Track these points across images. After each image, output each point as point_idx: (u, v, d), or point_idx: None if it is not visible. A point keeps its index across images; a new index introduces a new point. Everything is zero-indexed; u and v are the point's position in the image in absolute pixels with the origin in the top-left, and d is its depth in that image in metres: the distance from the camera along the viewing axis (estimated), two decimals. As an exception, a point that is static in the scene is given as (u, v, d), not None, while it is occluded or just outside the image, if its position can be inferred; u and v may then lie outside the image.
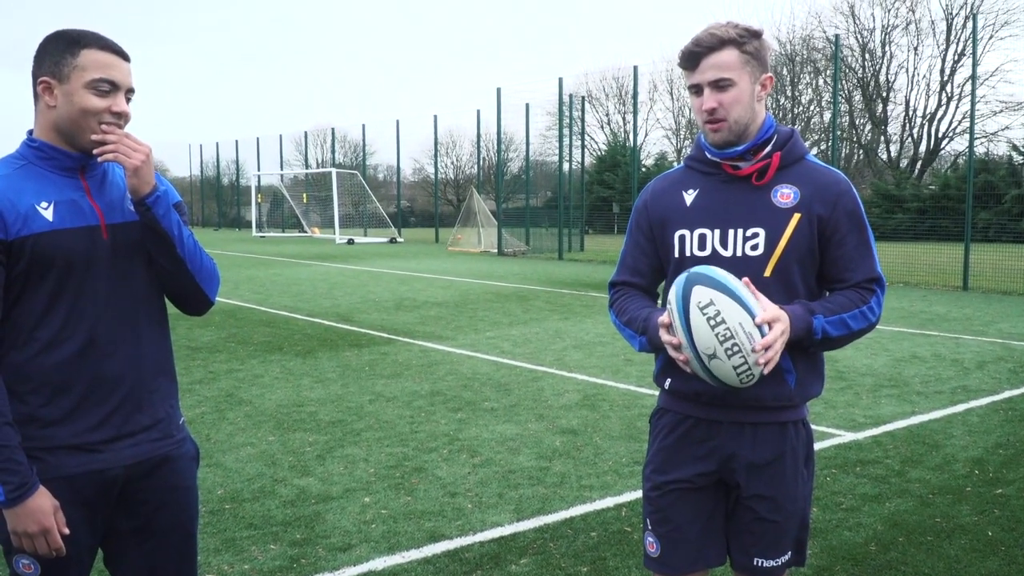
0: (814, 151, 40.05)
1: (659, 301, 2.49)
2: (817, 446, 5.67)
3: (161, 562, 2.34)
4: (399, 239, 34.20)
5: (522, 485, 4.98)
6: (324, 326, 11.13)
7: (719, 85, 2.24)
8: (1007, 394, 7.17)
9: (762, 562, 2.36)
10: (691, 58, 2.25)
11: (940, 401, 6.94)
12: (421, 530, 4.33)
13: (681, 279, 2.16)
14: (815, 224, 2.28)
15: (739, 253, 2.27)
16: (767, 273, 2.25)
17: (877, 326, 2.95)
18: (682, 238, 2.34)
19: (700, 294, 2.10)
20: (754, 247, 2.27)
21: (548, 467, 5.30)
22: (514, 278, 17.97)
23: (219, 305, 13.21)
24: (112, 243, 2.21)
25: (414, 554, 4.05)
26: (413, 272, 19.46)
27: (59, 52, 2.15)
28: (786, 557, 2.39)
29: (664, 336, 2.19)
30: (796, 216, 2.25)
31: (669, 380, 2.41)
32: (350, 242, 32.62)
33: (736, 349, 2.08)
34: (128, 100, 2.22)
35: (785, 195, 2.28)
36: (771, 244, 2.26)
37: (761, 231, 2.26)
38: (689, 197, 2.36)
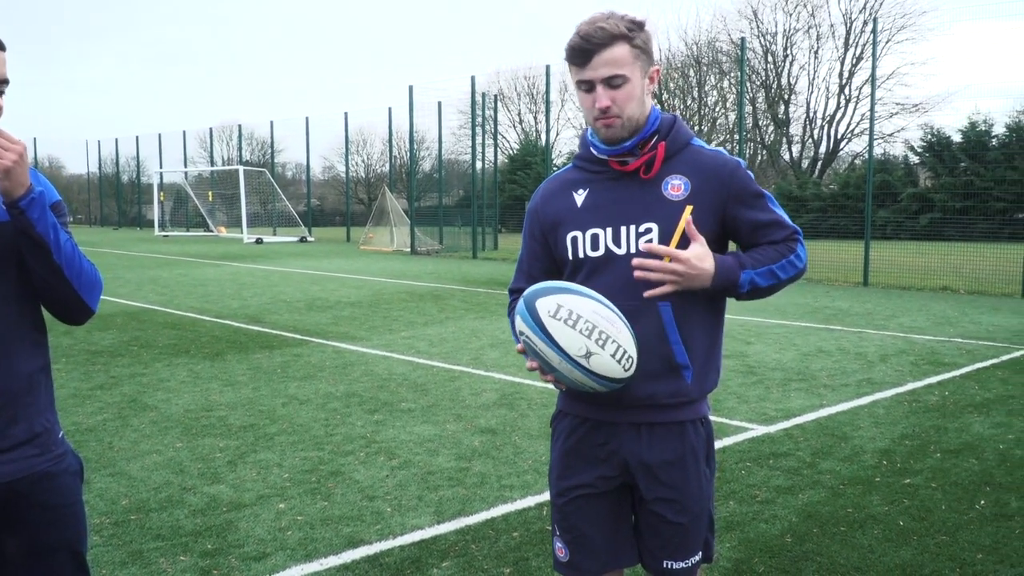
0: (720, 152, 41.08)
1: None
2: (731, 440, 5.79)
3: None
4: (309, 238, 33.63)
5: (442, 487, 4.90)
6: (233, 328, 10.82)
7: (612, 82, 2.18)
8: (910, 386, 7.42)
9: (671, 564, 2.34)
10: (582, 54, 2.17)
11: (847, 394, 7.14)
12: (339, 536, 4.21)
13: (519, 304, 2.14)
14: (709, 213, 2.25)
15: (633, 250, 2.23)
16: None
17: (789, 323, 2.97)
18: (575, 239, 2.30)
19: (544, 304, 2.08)
20: (648, 242, 2.22)
21: (468, 468, 5.23)
22: (428, 277, 17.84)
23: (121, 307, 12.73)
24: None
25: (332, 561, 3.94)
26: (325, 272, 19.14)
27: None
28: (696, 558, 2.37)
29: (527, 364, 2.16)
30: (688, 208, 2.22)
31: None
32: (259, 241, 31.92)
33: (604, 336, 2.05)
34: (1, 92, 2.06)
35: (676, 187, 2.25)
36: (665, 238, 2.22)
37: (654, 226, 2.23)
38: (579, 197, 2.32)
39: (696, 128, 41.83)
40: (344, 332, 10.40)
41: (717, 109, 40.82)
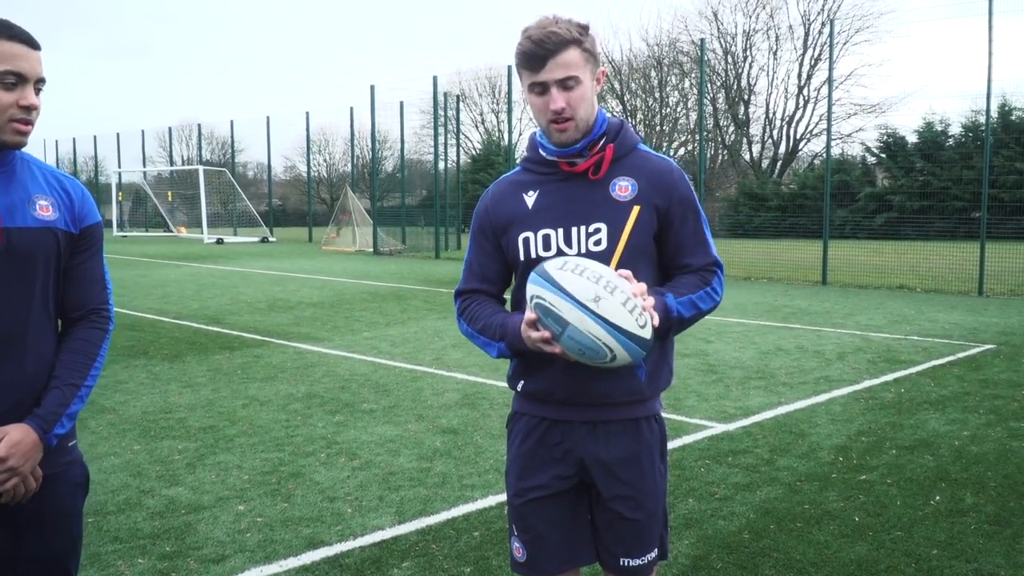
0: (681, 151, 41.36)
1: (508, 306, 2.44)
2: (690, 438, 5.85)
3: None
4: (271, 238, 33.36)
5: (403, 487, 4.90)
6: (193, 329, 10.71)
7: (566, 84, 2.20)
8: (867, 383, 7.55)
9: (628, 561, 2.36)
10: (537, 59, 2.20)
11: (804, 391, 7.24)
12: (299, 537, 4.19)
13: (532, 274, 2.11)
14: (654, 214, 2.29)
15: (583, 250, 2.26)
16: (612, 267, 2.20)
17: (748, 322, 3.02)
18: (526, 240, 2.31)
19: (551, 264, 2.09)
20: (597, 242, 2.26)
21: (429, 468, 5.23)
22: (391, 277, 17.78)
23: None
24: (7, 248, 2.06)
25: (292, 562, 3.92)
26: (286, 272, 19.00)
27: None
28: (652, 554, 2.39)
29: (533, 334, 2.11)
30: (636, 208, 2.26)
31: (522, 382, 2.39)
32: (219, 242, 31.61)
33: (613, 285, 2.03)
34: (38, 91, 2.09)
35: (623, 188, 2.29)
36: (613, 238, 2.25)
37: (603, 226, 2.26)
38: (530, 199, 2.34)
39: (657, 128, 42.13)
40: (305, 333, 10.34)
41: (678, 109, 41.14)
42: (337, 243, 28.42)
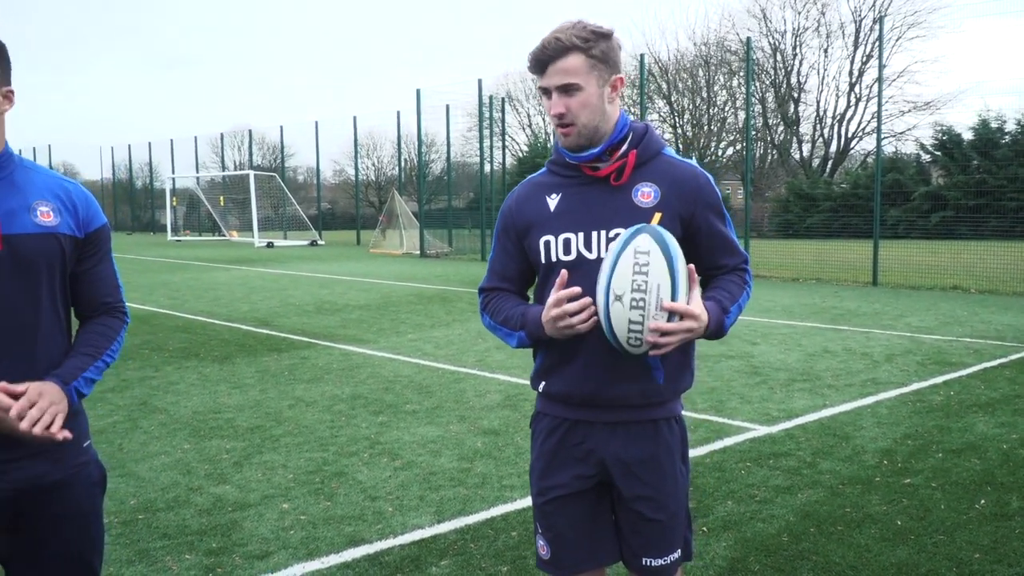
0: (729, 151, 41.01)
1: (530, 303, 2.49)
2: (731, 440, 5.82)
3: None
4: (320, 242, 33.77)
5: (443, 487, 4.96)
6: (242, 331, 10.92)
7: (566, 90, 2.23)
8: (915, 386, 7.43)
9: (650, 561, 2.38)
10: (537, 64, 2.25)
11: (850, 394, 7.16)
12: (341, 535, 4.28)
13: (637, 225, 2.18)
14: (677, 221, 2.31)
15: (603, 254, 2.27)
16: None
17: (795, 324, 3.03)
18: (547, 243, 2.34)
19: (643, 241, 2.12)
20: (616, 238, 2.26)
21: (469, 468, 5.29)
22: (436, 280, 17.91)
23: (133, 311, 12.77)
24: (8, 254, 2.10)
25: (333, 559, 4.00)
26: (334, 275, 19.24)
27: None
28: (676, 554, 2.41)
29: (555, 311, 2.17)
30: (657, 215, 2.28)
31: (544, 383, 2.42)
32: (269, 245, 32.09)
33: (640, 304, 2.09)
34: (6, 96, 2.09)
35: (646, 194, 2.30)
36: None
37: (623, 231, 2.25)
38: (553, 202, 2.36)
39: (705, 128, 41.79)
40: (352, 335, 10.48)
41: (726, 109, 40.79)
42: (384, 246, 28.67)
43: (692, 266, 2.20)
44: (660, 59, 40.05)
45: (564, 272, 2.22)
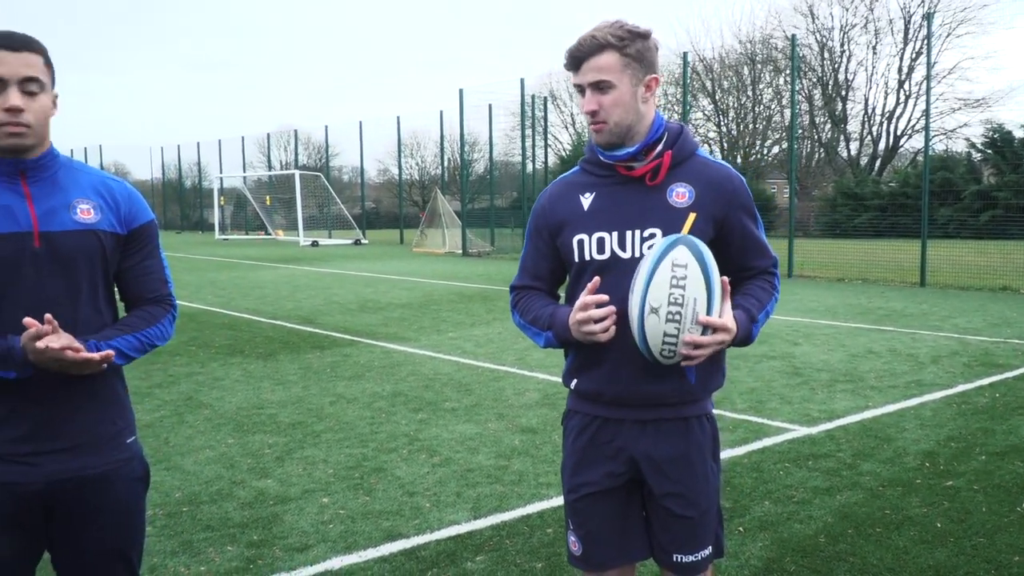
0: (775, 150, 40.55)
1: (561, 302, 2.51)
2: (770, 441, 5.79)
3: None
4: (363, 241, 34.07)
5: (480, 484, 5.01)
6: (286, 328, 11.08)
7: (599, 87, 2.25)
8: (960, 388, 7.32)
9: (681, 558, 2.40)
10: (572, 61, 2.28)
11: (894, 395, 7.07)
12: (379, 529, 4.34)
13: (675, 235, 2.20)
14: (711, 222, 2.33)
15: (637, 254, 2.29)
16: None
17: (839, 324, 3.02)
18: (581, 242, 2.35)
19: (680, 253, 2.14)
20: (651, 247, 2.28)
21: (507, 465, 5.33)
22: (478, 278, 17.99)
23: (181, 309, 13.02)
24: (47, 251, 2.16)
25: (371, 553, 4.07)
26: (377, 273, 19.42)
27: None
28: (706, 552, 2.42)
29: (580, 315, 2.20)
30: (692, 215, 2.29)
31: (575, 381, 2.45)
32: (314, 244, 32.46)
33: (676, 318, 2.11)
34: (30, 93, 2.12)
35: (680, 194, 2.31)
36: None
37: (658, 231, 2.29)
38: (586, 201, 2.37)
39: (750, 127, 41.37)
40: (393, 333, 10.58)
41: (773, 107, 40.35)
42: (427, 245, 28.86)
43: (726, 279, 2.23)
44: (704, 57, 39.76)
45: (596, 279, 2.24)
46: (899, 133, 40.66)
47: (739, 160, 41.44)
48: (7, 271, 2.12)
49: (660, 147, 2.33)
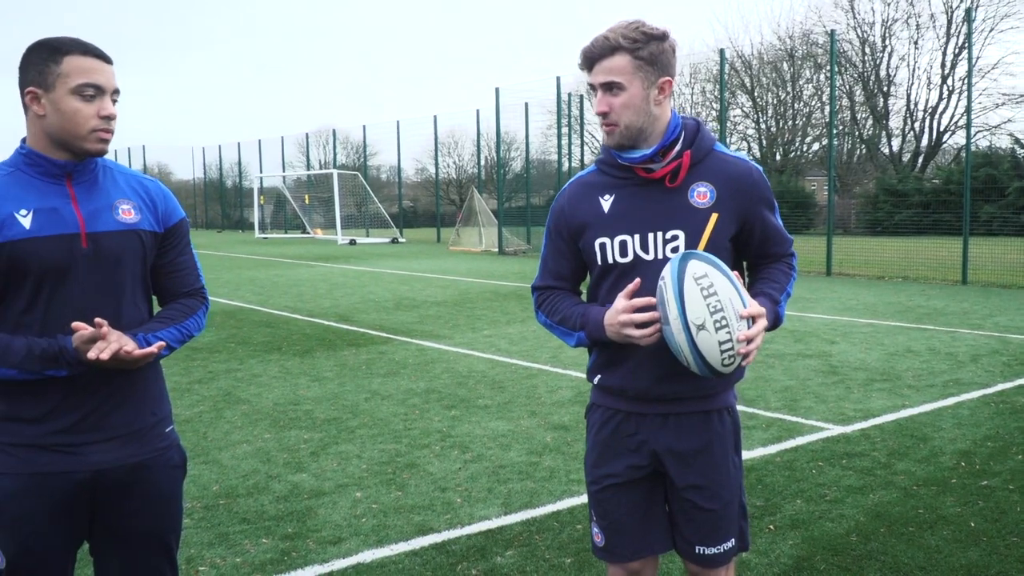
0: (815, 146, 40.09)
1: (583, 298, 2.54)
2: (803, 439, 5.76)
3: (133, 569, 2.37)
4: (400, 239, 34.27)
5: (511, 480, 5.05)
6: (323, 326, 11.21)
7: (610, 89, 2.27)
8: (999, 387, 7.21)
9: (704, 550, 2.42)
10: (585, 61, 2.29)
11: (931, 395, 6.99)
12: (410, 524, 4.40)
13: (677, 256, 2.21)
14: (734, 220, 2.35)
15: (660, 256, 2.31)
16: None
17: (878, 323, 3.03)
18: (603, 245, 2.36)
19: (696, 267, 2.16)
20: (675, 249, 2.31)
21: (538, 462, 5.36)
22: (514, 277, 18.03)
23: (220, 306, 13.30)
24: (93, 251, 2.24)
25: (402, 547, 4.12)
26: (413, 272, 19.54)
27: (42, 61, 2.18)
28: (729, 544, 2.44)
29: (623, 317, 2.22)
30: (714, 216, 2.31)
31: (599, 376, 2.47)
32: (352, 243, 32.71)
33: (724, 323, 2.13)
34: (114, 101, 2.26)
35: (702, 194, 2.32)
36: (692, 245, 2.31)
37: (681, 233, 2.30)
38: (606, 203, 2.38)
39: (790, 124, 40.94)
40: (428, 331, 10.66)
41: (813, 103, 39.90)
42: (463, 243, 28.96)
43: (736, 272, 2.26)
44: (743, 53, 39.43)
45: (637, 280, 2.26)
46: (942, 129, 39.97)
47: (778, 157, 41.04)
48: (57, 272, 2.20)
49: (678, 147, 2.33)
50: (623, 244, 2.34)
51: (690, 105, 40.81)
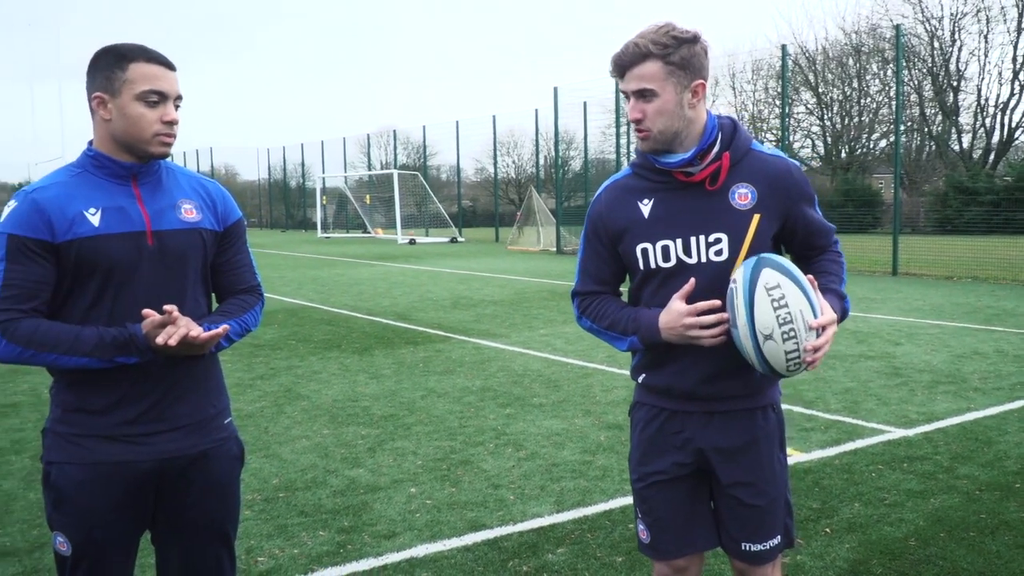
0: (882, 143, 39.22)
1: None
2: (863, 442, 5.68)
3: (191, 558, 2.45)
4: (459, 239, 34.47)
5: (564, 478, 5.07)
6: (382, 324, 11.36)
7: (642, 95, 2.25)
8: (1070, 390, 7.00)
9: (750, 547, 2.42)
10: (616, 68, 2.29)
11: (998, 398, 6.81)
12: (463, 520, 4.45)
13: (751, 261, 2.22)
14: (776, 219, 2.34)
15: (703, 260, 2.30)
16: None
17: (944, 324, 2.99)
18: (645, 251, 2.35)
19: (768, 276, 2.16)
20: (718, 252, 2.29)
21: (591, 461, 5.37)
22: (571, 276, 17.83)
23: (282, 304, 13.56)
24: (158, 248, 2.32)
25: (455, 542, 4.17)
26: (471, 271, 19.65)
27: (108, 67, 2.27)
28: (775, 541, 2.43)
29: (690, 320, 2.23)
30: (756, 217, 2.29)
31: (644, 375, 2.48)
32: (412, 242, 33.00)
33: (792, 334, 2.13)
34: (177, 107, 2.35)
35: (743, 195, 2.31)
36: (735, 248, 2.29)
37: (724, 236, 2.29)
38: (646, 208, 2.36)
39: (856, 120, 40.12)
40: (485, 329, 10.72)
41: (881, 98, 39.04)
42: (522, 242, 29.01)
43: (811, 276, 2.25)
44: (807, 49, 38.78)
45: (692, 280, 2.27)
46: (1014, 125, 38.77)
47: (843, 154, 40.26)
48: (125, 268, 2.28)
49: (716, 149, 2.31)
50: (665, 249, 2.33)
51: (752, 102, 40.27)
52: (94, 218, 2.26)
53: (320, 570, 3.91)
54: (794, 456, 5.37)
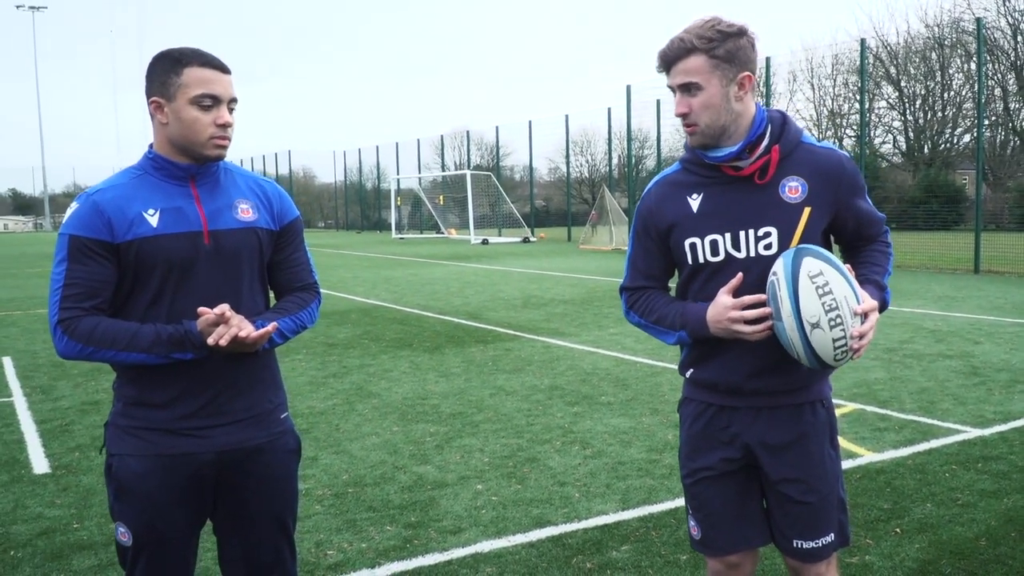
0: (966, 137, 37.97)
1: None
2: (937, 442, 5.57)
3: (251, 549, 2.53)
4: (532, 238, 34.56)
5: (630, 476, 5.09)
6: (453, 323, 11.50)
7: (688, 89, 2.26)
8: None
9: (802, 544, 2.40)
10: (662, 63, 2.30)
11: (1083, 398, 6.59)
12: (528, 516, 4.51)
13: (790, 252, 2.23)
14: (827, 212, 2.33)
15: (752, 254, 2.30)
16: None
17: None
18: (693, 246, 2.36)
19: (811, 264, 2.17)
20: (767, 246, 2.29)
21: (658, 459, 5.38)
22: (643, 275, 17.89)
23: (356, 304, 13.83)
24: (215, 248, 2.40)
25: (520, 539, 4.23)
26: (543, 271, 19.71)
27: (164, 72, 2.35)
28: (828, 538, 2.41)
29: (734, 314, 2.24)
30: (807, 210, 2.29)
31: (691, 371, 2.49)
32: (484, 242, 33.22)
33: (839, 321, 2.14)
34: (231, 110, 2.41)
35: (793, 188, 2.30)
36: (785, 241, 2.29)
37: (773, 230, 2.29)
38: (695, 203, 2.36)
39: (939, 114, 38.94)
40: (555, 328, 10.77)
41: (964, 92, 37.81)
42: (594, 242, 28.97)
43: (848, 265, 2.27)
44: (888, 42, 37.80)
45: (740, 275, 2.28)
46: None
47: (926, 149, 39.12)
48: (182, 267, 2.38)
49: (765, 142, 2.31)
50: (714, 243, 2.34)
51: (831, 97, 39.44)
52: (152, 219, 2.35)
53: (387, 564, 4.01)
54: (866, 456, 5.30)
